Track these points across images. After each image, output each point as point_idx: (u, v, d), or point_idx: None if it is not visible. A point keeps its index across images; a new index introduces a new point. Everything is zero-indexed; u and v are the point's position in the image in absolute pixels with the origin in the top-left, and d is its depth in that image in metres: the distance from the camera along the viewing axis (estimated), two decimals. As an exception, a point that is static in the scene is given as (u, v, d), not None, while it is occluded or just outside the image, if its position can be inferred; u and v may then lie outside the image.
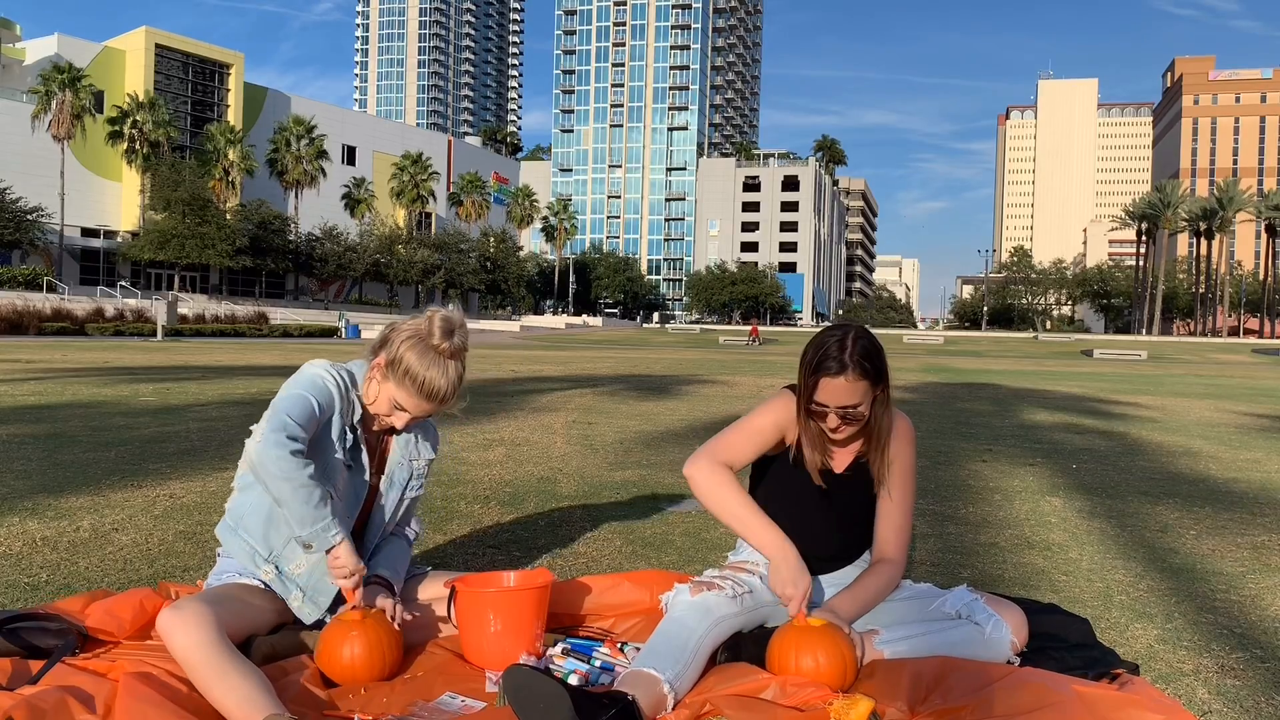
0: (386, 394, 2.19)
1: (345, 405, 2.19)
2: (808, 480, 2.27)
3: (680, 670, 1.90)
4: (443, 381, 2.15)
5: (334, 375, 2.18)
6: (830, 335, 2.15)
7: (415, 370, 2.13)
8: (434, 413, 2.22)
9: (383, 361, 2.18)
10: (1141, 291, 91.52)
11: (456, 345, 2.17)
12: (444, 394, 2.16)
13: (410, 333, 2.17)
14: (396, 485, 2.34)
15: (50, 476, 4.49)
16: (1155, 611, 2.73)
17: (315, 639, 2.10)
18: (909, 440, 2.29)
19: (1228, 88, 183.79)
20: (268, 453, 1.99)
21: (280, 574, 2.16)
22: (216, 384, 10.67)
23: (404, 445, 2.36)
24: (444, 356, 2.15)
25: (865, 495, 2.29)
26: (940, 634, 2.11)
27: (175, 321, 37.13)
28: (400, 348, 2.15)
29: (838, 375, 2.09)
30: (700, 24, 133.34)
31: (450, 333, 2.16)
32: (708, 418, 8.16)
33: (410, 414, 2.19)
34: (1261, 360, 41.19)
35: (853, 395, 2.10)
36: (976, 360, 31.97)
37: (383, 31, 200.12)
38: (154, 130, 55.59)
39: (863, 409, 2.14)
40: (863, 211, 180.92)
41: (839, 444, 2.24)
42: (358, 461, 2.24)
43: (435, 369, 2.14)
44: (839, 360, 2.09)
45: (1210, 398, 12.74)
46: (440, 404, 2.19)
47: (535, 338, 50.83)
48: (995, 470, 5.46)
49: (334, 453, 2.17)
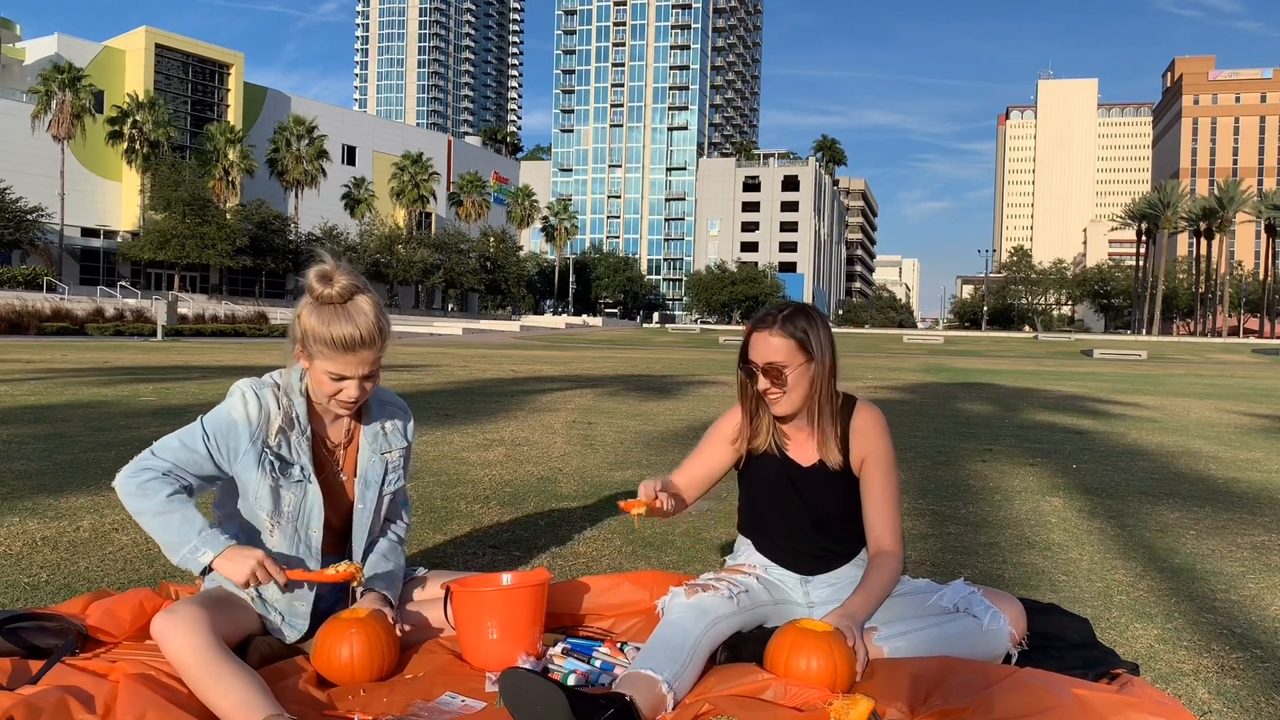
0: (319, 373, 2.08)
1: (265, 423, 2.09)
2: (778, 477, 2.30)
3: (679, 671, 1.90)
4: (350, 328, 2.03)
5: (251, 398, 2.09)
6: (774, 303, 2.31)
7: (320, 331, 2.03)
8: (372, 362, 2.09)
9: (299, 348, 2.10)
10: (1141, 291, 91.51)
11: (343, 285, 2.05)
12: (361, 337, 2.04)
13: (301, 306, 2.10)
14: (372, 484, 2.25)
15: (50, 476, 4.49)
16: (1155, 611, 2.73)
17: (312, 640, 2.10)
18: (880, 430, 2.29)
19: (1228, 88, 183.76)
20: (120, 492, 2.01)
21: (260, 597, 2.14)
22: (216, 384, 10.67)
23: (372, 440, 2.26)
24: (337, 304, 2.05)
25: (838, 490, 2.29)
26: (939, 628, 2.11)
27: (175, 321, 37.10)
28: (302, 323, 2.07)
29: (763, 330, 2.21)
30: (700, 24, 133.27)
31: (328, 278, 2.05)
32: (707, 418, 8.15)
33: (351, 375, 2.06)
34: (1261, 360, 41.19)
35: (777, 353, 2.18)
36: (976, 360, 31.97)
37: (383, 31, 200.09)
38: (154, 130, 55.58)
39: (788, 373, 2.18)
40: (863, 211, 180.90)
41: (778, 417, 2.27)
42: (303, 472, 2.13)
43: (338, 320, 2.03)
44: (770, 318, 2.23)
45: (1210, 398, 12.74)
46: (367, 347, 2.05)
47: (535, 338, 50.83)
48: (995, 470, 5.46)
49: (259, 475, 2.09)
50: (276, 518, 2.12)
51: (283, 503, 2.13)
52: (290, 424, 2.13)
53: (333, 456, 2.23)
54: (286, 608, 2.16)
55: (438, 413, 7.97)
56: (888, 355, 36.47)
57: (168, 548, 2.00)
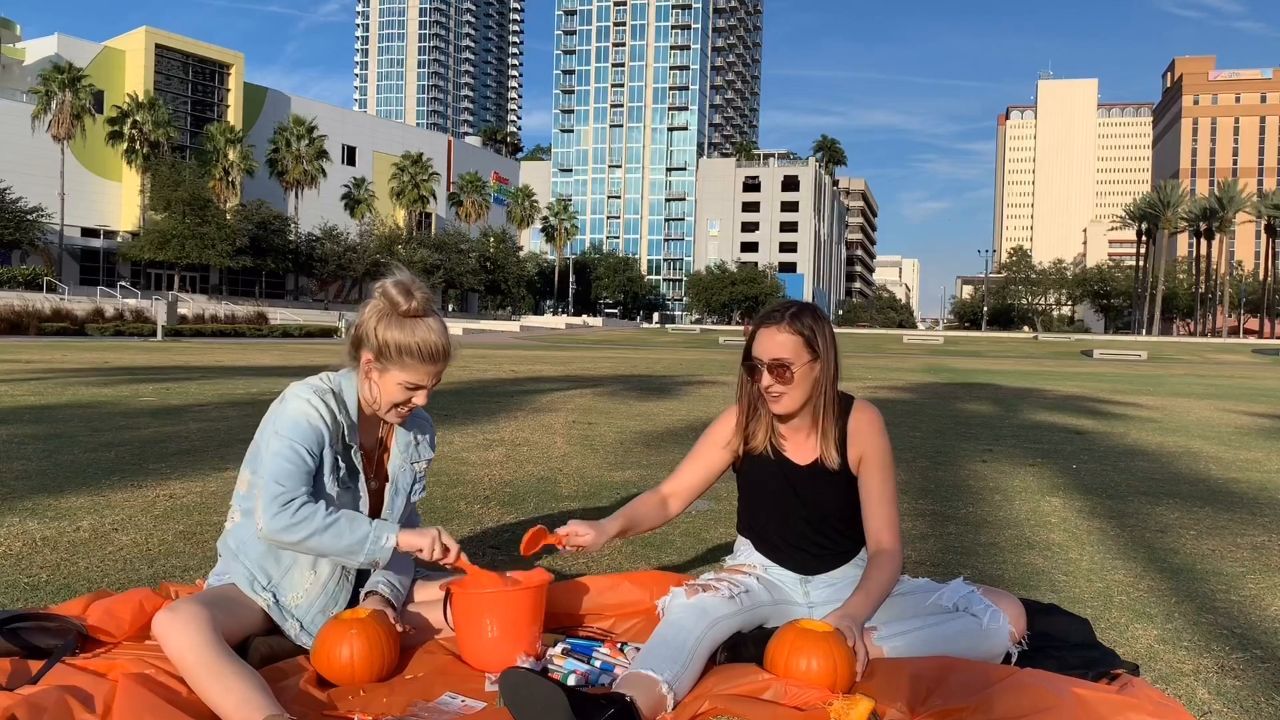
0: (391, 383, 2.14)
1: (335, 430, 2.14)
2: (775, 477, 2.30)
3: (679, 671, 1.90)
4: (435, 338, 2.12)
5: (320, 405, 2.12)
6: (780, 301, 2.32)
7: (407, 342, 2.10)
8: (442, 372, 2.20)
9: (370, 357, 2.14)
10: (1141, 291, 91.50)
11: (422, 299, 2.14)
12: (444, 348, 2.14)
13: (376, 317, 2.14)
14: (401, 490, 2.31)
15: (50, 476, 4.49)
16: (1155, 611, 2.73)
17: (312, 641, 2.09)
18: (877, 429, 2.28)
19: (1228, 88, 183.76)
20: (277, 530, 2.02)
21: (278, 603, 2.14)
22: (216, 384, 10.67)
23: (404, 449, 2.32)
24: (420, 317, 2.13)
25: (836, 490, 2.29)
26: (938, 627, 2.11)
27: (175, 321, 37.10)
28: (379, 335, 2.12)
29: (771, 326, 2.20)
30: (700, 24, 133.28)
31: (410, 293, 2.12)
32: (707, 418, 8.13)
33: (427, 386, 2.17)
34: (1261, 360, 41.20)
35: (784, 349, 2.18)
36: (976, 360, 31.97)
37: (383, 32, 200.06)
38: (154, 130, 55.56)
39: (793, 370, 2.17)
40: (863, 212, 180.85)
41: (778, 415, 2.26)
42: (354, 480, 2.20)
43: (421, 330, 2.11)
44: (777, 314, 2.23)
45: (1210, 398, 12.74)
46: (446, 359, 2.16)
47: (535, 338, 50.83)
48: (995, 470, 5.46)
49: (330, 480, 2.14)
50: None
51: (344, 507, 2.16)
52: (348, 431, 2.18)
53: (370, 462, 2.28)
54: (312, 617, 2.15)
55: (438, 413, 7.97)
56: (887, 355, 36.48)
57: (350, 552, 2.05)
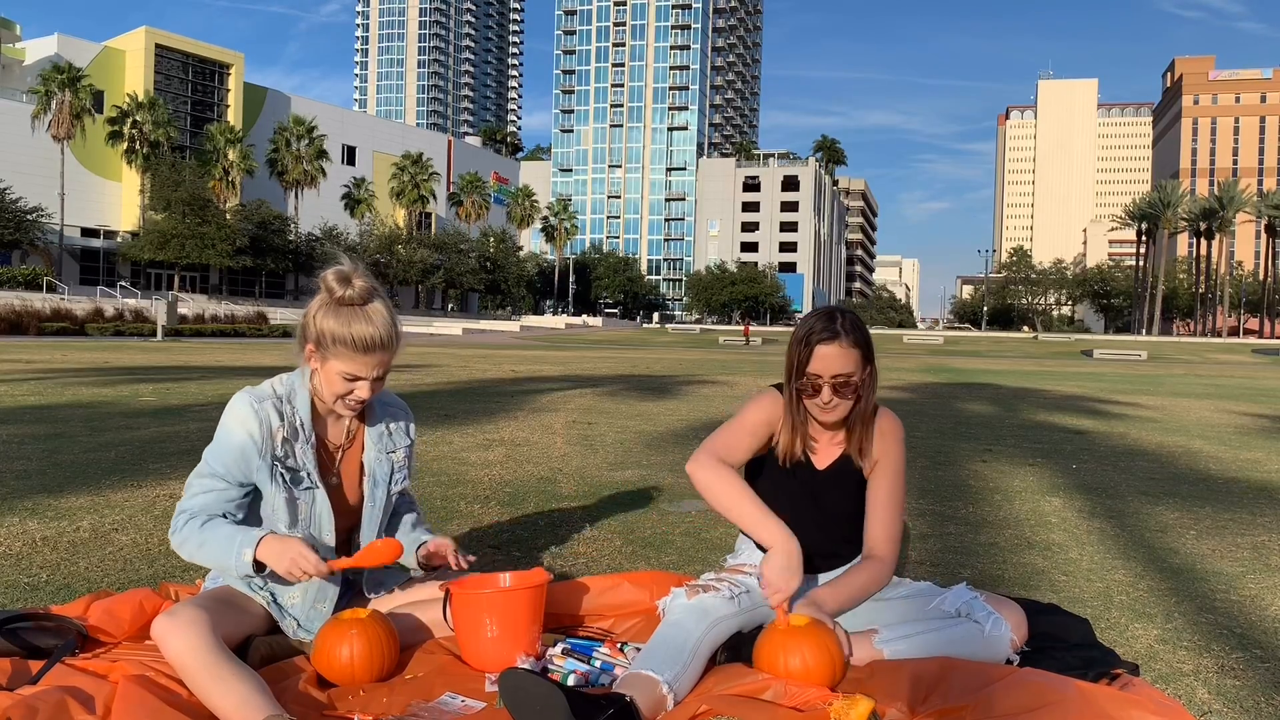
0: (331, 374, 2.09)
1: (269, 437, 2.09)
2: (795, 479, 2.28)
3: (679, 671, 1.90)
4: (371, 329, 2.05)
5: (249, 416, 2.08)
6: (817, 312, 2.20)
7: (341, 333, 2.05)
8: (386, 364, 2.12)
9: (311, 348, 2.11)
10: (1141, 291, 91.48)
11: (361, 288, 2.07)
12: (380, 339, 2.07)
13: (316, 306, 2.10)
14: (381, 482, 2.28)
15: (50, 476, 4.49)
16: (1155, 611, 2.73)
17: (312, 641, 2.10)
18: (897, 438, 2.29)
19: (1228, 88, 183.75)
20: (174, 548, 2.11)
21: (275, 602, 2.15)
22: (216, 384, 10.67)
23: (377, 440, 2.29)
24: (357, 305, 2.07)
25: (852, 493, 2.29)
26: (940, 632, 2.10)
27: (175, 321, 37.08)
28: (316, 324, 2.08)
29: (831, 342, 2.13)
30: (700, 24, 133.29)
31: (347, 280, 2.07)
32: (707, 418, 8.15)
33: (365, 377, 2.09)
34: (1261, 360, 41.20)
35: (847, 363, 2.13)
36: (976, 360, 31.97)
37: (383, 32, 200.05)
38: (154, 130, 55.59)
39: (856, 380, 2.14)
40: (863, 212, 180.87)
41: (828, 425, 2.23)
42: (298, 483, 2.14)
43: (358, 321, 2.05)
44: (831, 329, 2.14)
45: (1210, 398, 12.74)
46: (385, 349, 2.08)
47: (535, 338, 50.83)
48: (995, 470, 5.46)
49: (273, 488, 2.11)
50: (294, 530, 2.15)
51: (299, 512, 2.15)
52: (294, 433, 2.14)
53: (333, 459, 2.25)
54: (306, 613, 2.17)
55: (438, 413, 7.96)
56: (887, 355, 36.48)
57: (223, 568, 2.07)
